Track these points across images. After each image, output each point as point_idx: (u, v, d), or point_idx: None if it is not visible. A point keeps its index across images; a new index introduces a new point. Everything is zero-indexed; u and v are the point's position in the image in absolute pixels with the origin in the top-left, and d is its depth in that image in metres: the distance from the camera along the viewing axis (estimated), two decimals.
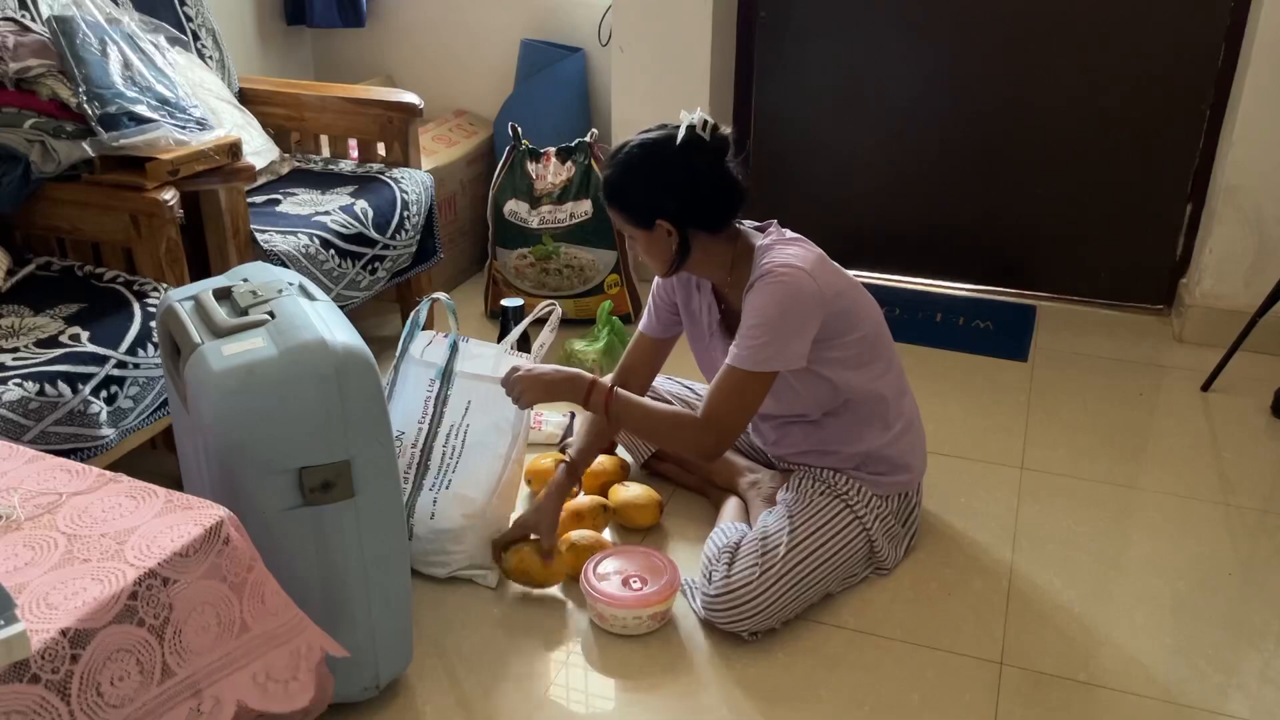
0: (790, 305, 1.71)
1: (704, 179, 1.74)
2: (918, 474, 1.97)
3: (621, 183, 1.77)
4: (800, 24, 3.11)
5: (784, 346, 1.72)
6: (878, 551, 1.89)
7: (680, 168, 1.73)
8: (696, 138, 1.72)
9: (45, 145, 1.96)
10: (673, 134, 1.73)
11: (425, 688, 1.68)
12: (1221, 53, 2.77)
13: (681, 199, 1.75)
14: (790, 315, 1.72)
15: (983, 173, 3.10)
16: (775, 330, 1.71)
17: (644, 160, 1.75)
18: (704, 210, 1.77)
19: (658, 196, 1.74)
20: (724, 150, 1.75)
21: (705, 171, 1.74)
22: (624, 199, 1.78)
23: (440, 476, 1.89)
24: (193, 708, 1.17)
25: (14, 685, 1.00)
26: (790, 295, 1.71)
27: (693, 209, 1.76)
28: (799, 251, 1.77)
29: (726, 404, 1.75)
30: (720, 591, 1.75)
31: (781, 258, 1.74)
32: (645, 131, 1.78)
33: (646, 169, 1.75)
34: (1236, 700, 1.67)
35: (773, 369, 1.74)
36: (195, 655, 1.17)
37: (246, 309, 1.47)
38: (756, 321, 1.72)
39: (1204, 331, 2.81)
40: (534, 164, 2.92)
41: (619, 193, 1.78)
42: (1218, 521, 2.12)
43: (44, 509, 1.21)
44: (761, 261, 1.76)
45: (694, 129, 1.72)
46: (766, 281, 1.72)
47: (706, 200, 1.76)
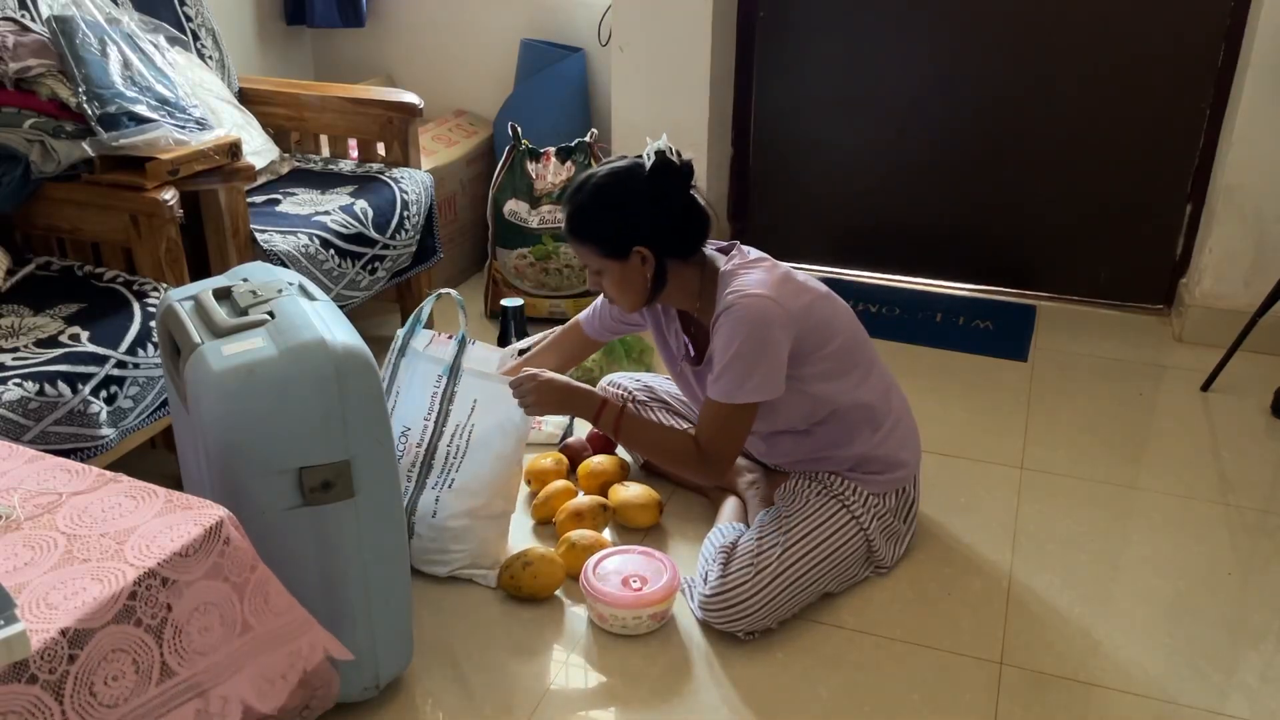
0: (759, 335, 1.71)
1: (677, 203, 1.75)
2: (913, 467, 1.97)
3: (593, 213, 1.76)
4: (800, 24, 3.11)
5: (761, 377, 1.73)
6: (875, 551, 1.89)
7: (653, 193, 1.74)
8: (667, 162, 1.73)
9: (45, 145, 1.96)
10: (639, 162, 1.75)
11: (425, 688, 1.68)
12: (1221, 53, 2.77)
13: (657, 224, 1.75)
14: (760, 345, 1.71)
15: (982, 173, 3.10)
16: (748, 362, 1.72)
17: (615, 188, 1.75)
18: (678, 235, 1.78)
19: (633, 223, 1.74)
20: (690, 175, 1.76)
21: (677, 196, 1.75)
22: (596, 229, 1.76)
23: (443, 475, 1.89)
24: (199, 708, 1.17)
25: (12, 685, 1.00)
26: (757, 325, 1.71)
27: (667, 234, 1.76)
28: (760, 277, 1.76)
29: (717, 437, 1.78)
30: (715, 592, 1.75)
31: (744, 286, 1.74)
32: (607, 162, 1.80)
33: (620, 196, 1.75)
34: (1236, 700, 1.67)
35: (753, 400, 1.75)
36: (198, 655, 1.17)
37: (246, 309, 1.47)
38: (730, 356, 1.72)
39: (1204, 331, 2.81)
40: (534, 164, 2.92)
41: (590, 223, 1.76)
42: (1218, 521, 2.12)
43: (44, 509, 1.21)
44: (725, 292, 1.75)
45: (663, 154, 1.73)
46: (732, 315, 1.72)
47: (680, 225, 1.77)
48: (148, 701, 1.12)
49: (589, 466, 2.17)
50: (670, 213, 1.76)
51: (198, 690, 1.17)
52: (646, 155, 1.75)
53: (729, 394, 1.73)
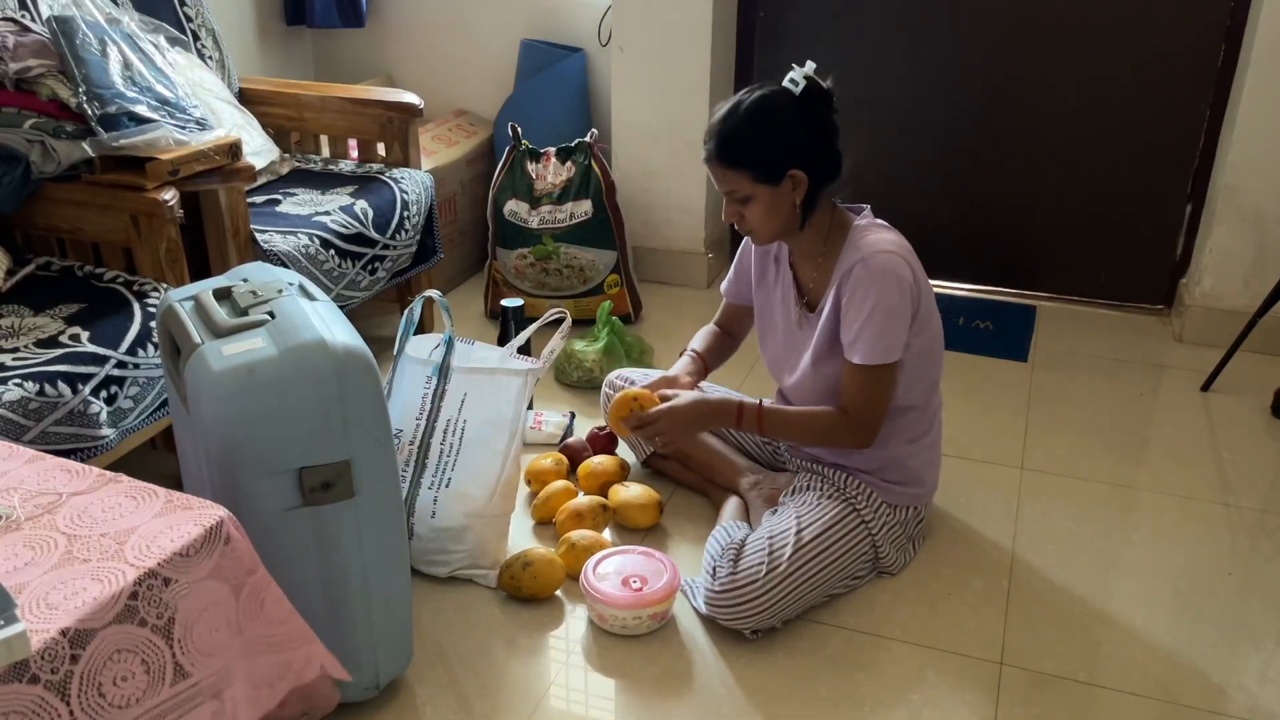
0: (897, 291, 1.73)
1: (827, 129, 1.75)
2: (930, 490, 1.97)
3: (748, 136, 1.72)
4: (800, 24, 3.11)
5: (895, 335, 1.74)
6: (883, 557, 1.89)
7: (805, 118, 1.73)
8: (817, 86, 1.73)
9: (45, 145, 1.96)
10: (786, 88, 1.73)
11: (425, 688, 1.68)
12: (1221, 53, 2.77)
13: (812, 148, 1.74)
14: (898, 303, 1.73)
15: (982, 173, 3.10)
16: (887, 318, 1.73)
17: (770, 111, 1.72)
18: (829, 161, 1.77)
19: (790, 146, 1.73)
20: (832, 102, 1.76)
21: (826, 123, 1.75)
22: (752, 153, 1.73)
23: (439, 474, 1.89)
24: (216, 710, 1.17)
25: (13, 685, 1.00)
26: (897, 282, 1.72)
27: (821, 159, 1.75)
28: (894, 238, 1.78)
29: (866, 402, 1.78)
30: (726, 588, 1.75)
31: (879, 243, 1.75)
32: (751, 89, 1.76)
33: (773, 119, 1.72)
34: (1236, 700, 1.67)
35: (892, 359, 1.75)
36: (209, 657, 1.17)
37: (246, 309, 1.47)
38: (871, 310, 1.72)
39: (1204, 331, 2.81)
40: (534, 164, 2.92)
41: (745, 146, 1.73)
42: (1218, 521, 2.12)
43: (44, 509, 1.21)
44: (861, 241, 1.76)
45: (813, 78, 1.72)
46: (872, 267, 1.72)
47: (832, 150, 1.77)
48: (163, 703, 1.12)
49: (589, 466, 2.17)
50: (821, 139, 1.75)
51: (212, 692, 1.17)
52: (792, 81, 1.73)
53: (869, 352, 1.73)
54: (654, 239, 3.20)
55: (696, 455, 2.15)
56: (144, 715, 1.11)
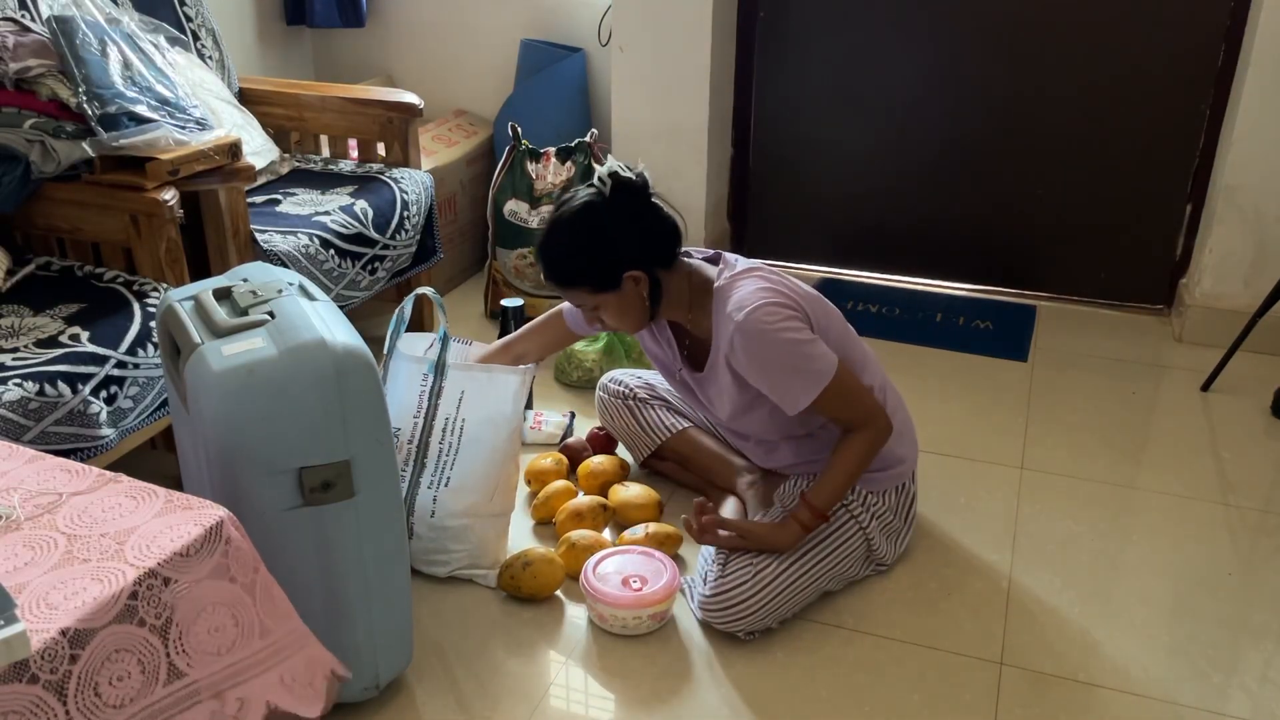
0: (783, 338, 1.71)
1: (646, 217, 1.76)
2: (911, 463, 1.97)
3: (574, 257, 1.75)
4: (800, 24, 3.11)
5: (815, 359, 1.72)
6: (875, 550, 1.89)
7: (622, 215, 1.74)
8: (623, 181, 1.73)
9: (45, 145, 1.96)
10: (596, 190, 1.74)
11: (425, 688, 1.68)
12: (1221, 53, 2.77)
13: (638, 243, 1.75)
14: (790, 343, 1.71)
15: (983, 172, 3.10)
16: (794, 361, 1.72)
17: (583, 224, 1.74)
18: (658, 247, 1.78)
19: (616, 250, 1.74)
20: (647, 186, 1.76)
21: (645, 210, 1.76)
22: (583, 271, 1.75)
23: (438, 473, 1.89)
24: (215, 710, 1.17)
25: (13, 685, 1.00)
26: (775, 330, 1.71)
27: (650, 249, 1.76)
28: (754, 286, 1.75)
29: (853, 409, 1.77)
30: (715, 592, 1.75)
31: (743, 301, 1.73)
32: (562, 204, 1.77)
33: (591, 233, 1.74)
34: (1236, 700, 1.67)
35: (833, 366, 1.73)
36: (210, 656, 1.17)
37: (246, 309, 1.47)
38: (775, 373, 1.72)
39: (1204, 331, 2.81)
40: (534, 164, 2.92)
41: (575, 267, 1.75)
42: (1218, 521, 2.12)
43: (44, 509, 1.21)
44: (727, 310, 1.75)
45: (616, 174, 1.73)
46: (748, 335, 1.71)
47: (656, 237, 1.77)
48: (156, 702, 1.12)
49: (589, 466, 2.17)
50: (644, 228, 1.76)
51: (212, 691, 1.17)
52: (599, 180, 1.74)
53: (807, 390, 1.72)
54: None
55: (694, 457, 2.15)
56: (138, 714, 1.11)
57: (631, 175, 1.74)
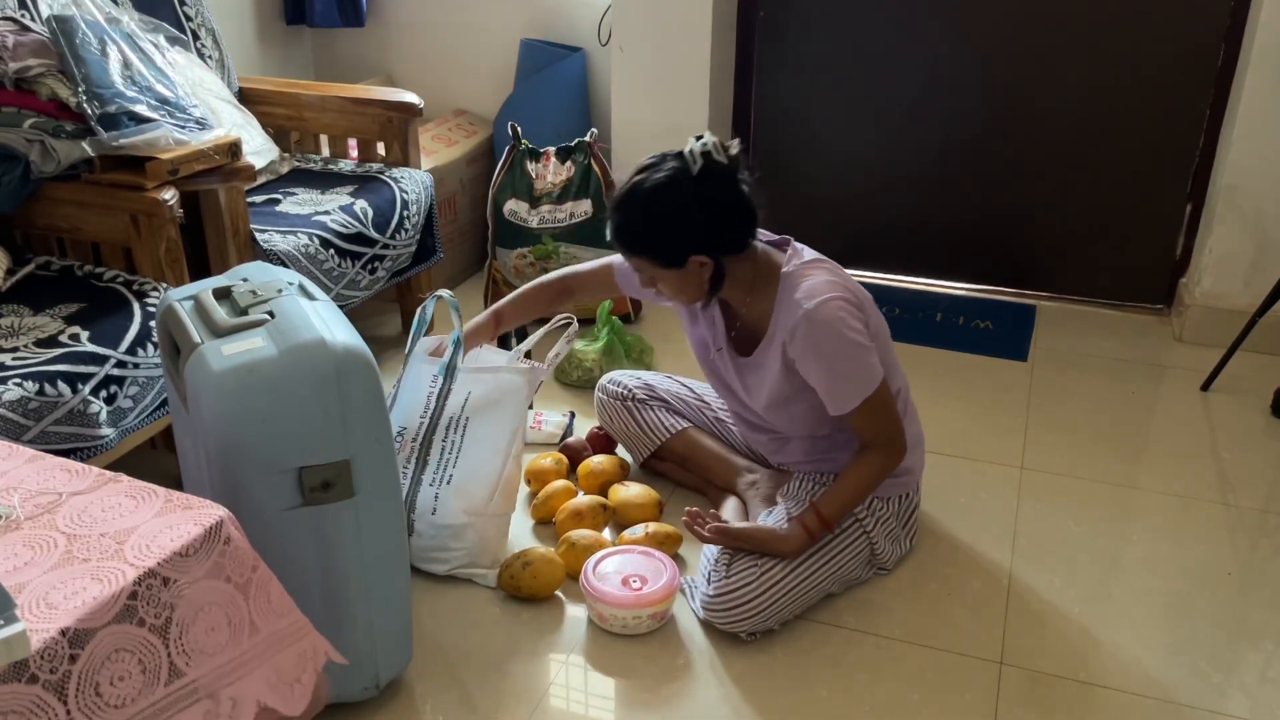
0: (848, 337, 1.71)
1: (728, 204, 1.70)
2: (917, 474, 1.97)
3: (646, 228, 1.70)
4: (800, 23, 3.11)
5: (867, 366, 1.73)
6: (879, 553, 1.89)
7: (704, 198, 1.68)
8: (714, 163, 1.68)
9: (45, 145, 1.96)
10: (684, 165, 1.68)
11: (425, 688, 1.68)
12: (1221, 53, 2.77)
13: (711, 229, 1.70)
14: (852, 344, 1.71)
15: (983, 172, 3.10)
16: (855, 356, 1.72)
17: (665, 199, 1.68)
18: (732, 235, 1.74)
19: (688, 232, 1.69)
20: (738, 168, 1.71)
21: (727, 196, 1.70)
22: (651, 243, 1.71)
23: (440, 471, 1.89)
24: (209, 709, 1.17)
25: (12, 685, 1.00)
26: (843, 327, 1.70)
27: (723, 236, 1.72)
28: (825, 279, 1.75)
29: (881, 428, 1.77)
30: (719, 592, 1.75)
31: (814, 290, 1.72)
32: (647, 169, 1.72)
33: (671, 207, 1.68)
34: (1236, 700, 1.67)
35: (878, 383, 1.74)
36: (206, 656, 1.17)
37: (246, 309, 1.47)
38: (829, 367, 1.72)
39: (1204, 331, 2.81)
40: (534, 163, 2.92)
41: (644, 238, 1.71)
42: (1218, 521, 2.12)
43: (44, 509, 1.21)
44: (792, 295, 1.73)
45: (710, 154, 1.67)
46: (816, 322, 1.69)
47: (733, 225, 1.73)
48: (156, 702, 1.12)
49: (589, 466, 2.17)
50: (722, 215, 1.71)
51: (207, 691, 1.17)
52: (690, 155, 1.68)
53: (857, 395, 1.72)
54: None
55: (694, 457, 2.15)
56: (138, 714, 1.11)
57: (723, 158, 1.68)
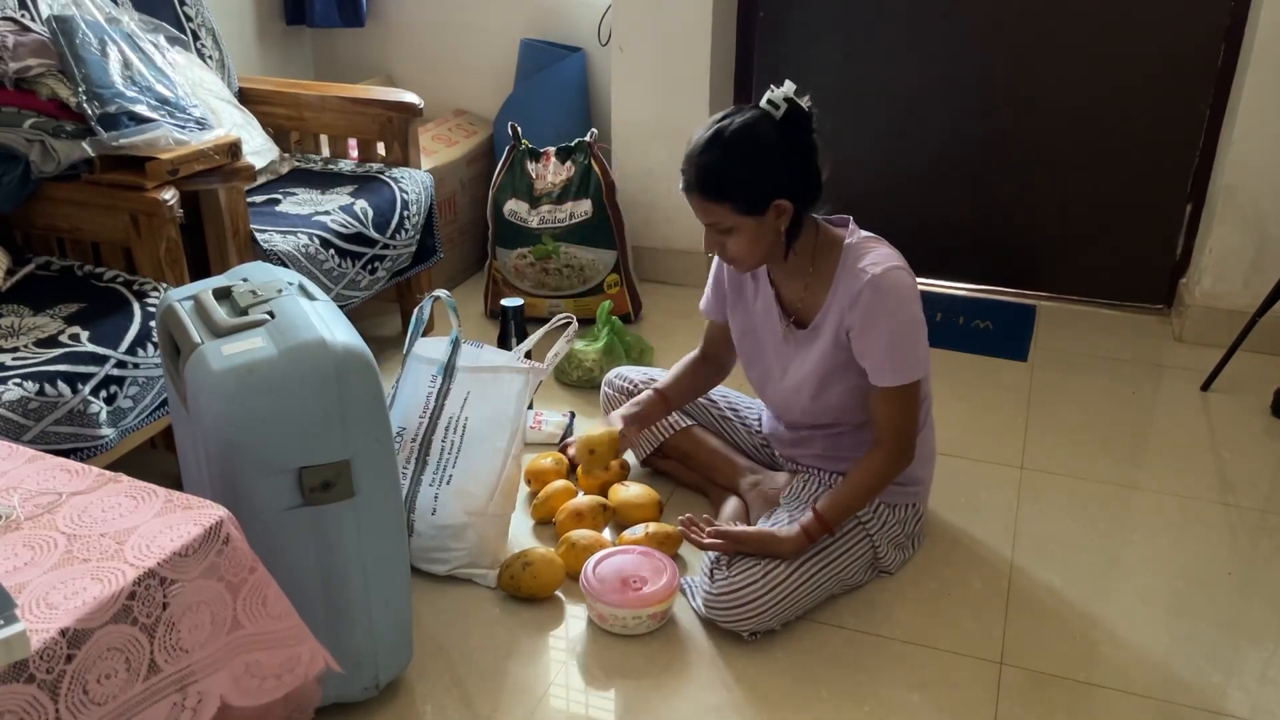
0: (913, 309, 1.72)
1: (809, 151, 1.71)
2: (927, 485, 1.97)
3: (730, 168, 1.67)
4: (800, 23, 3.11)
5: (923, 349, 1.73)
6: (882, 557, 1.89)
7: (787, 144, 1.68)
8: (797, 108, 1.68)
9: (45, 145, 1.96)
10: (765, 112, 1.68)
11: (425, 688, 1.68)
12: (1221, 53, 2.77)
13: (793, 175, 1.69)
14: (916, 319, 1.72)
15: (983, 172, 3.10)
16: (911, 336, 1.72)
17: (752, 140, 1.66)
18: (813, 184, 1.73)
19: (773, 176, 1.68)
20: (813, 122, 1.71)
21: (808, 144, 1.71)
22: (735, 186, 1.67)
23: (440, 471, 1.89)
24: (176, 702, 1.16)
25: (11, 685, 1.00)
26: (910, 299, 1.71)
27: (806, 184, 1.71)
28: (890, 251, 1.76)
29: (903, 422, 1.76)
30: (723, 591, 1.75)
31: (880, 260, 1.71)
32: (729, 115, 1.71)
33: (756, 149, 1.66)
34: (1236, 700, 1.67)
35: (922, 374, 1.74)
36: (184, 653, 1.17)
37: (246, 309, 1.47)
38: (893, 331, 1.71)
39: (1204, 331, 2.81)
40: (534, 163, 2.92)
41: (728, 181, 1.67)
42: (1218, 521, 2.12)
43: (44, 509, 1.21)
44: (859, 264, 1.73)
45: (793, 100, 1.67)
46: (883, 288, 1.69)
47: (814, 174, 1.72)
48: (132, 697, 1.12)
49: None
50: (804, 162, 1.70)
51: (178, 686, 1.17)
52: (771, 103, 1.68)
53: (904, 374, 1.71)
54: (654, 238, 3.20)
55: (697, 455, 2.15)
56: (115, 710, 1.10)
57: (804, 105, 1.69)
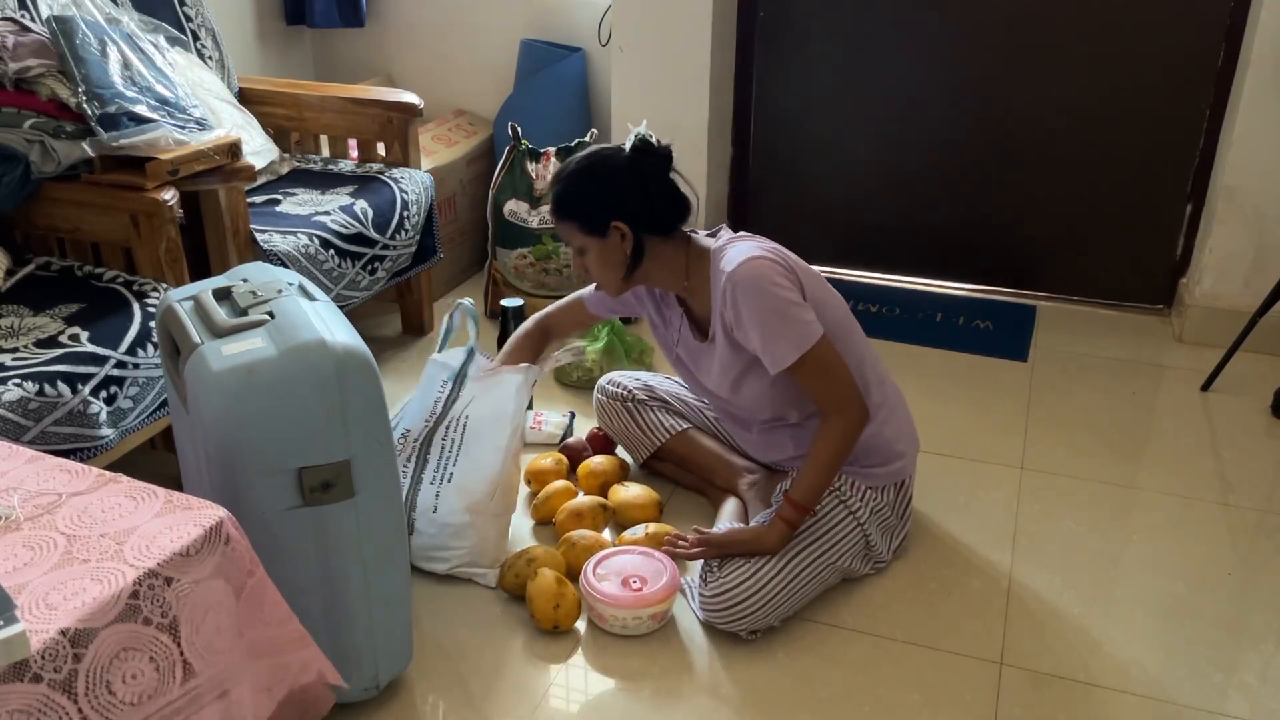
0: (773, 290, 1.74)
1: (654, 182, 1.81)
2: (910, 459, 1.96)
3: (574, 191, 1.82)
4: (800, 24, 3.11)
5: (800, 319, 1.74)
6: (873, 544, 1.89)
7: (631, 172, 1.80)
8: (645, 144, 1.80)
9: (45, 145, 1.96)
10: (619, 146, 1.82)
11: (425, 688, 1.68)
12: (1221, 53, 2.77)
13: (634, 200, 1.80)
14: (779, 299, 1.74)
15: (983, 172, 3.10)
16: (780, 315, 1.73)
17: (595, 167, 1.82)
18: (655, 212, 1.82)
19: (611, 199, 1.80)
20: (669, 159, 1.82)
21: (655, 176, 1.81)
22: (577, 207, 1.82)
23: (441, 469, 1.90)
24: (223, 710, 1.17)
25: (15, 685, 1.00)
26: (766, 282, 1.74)
27: (645, 211, 1.81)
28: (749, 245, 1.81)
29: (830, 386, 1.77)
30: (716, 592, 1.75)
31: (737, 255, 1.77)
32: (590, 150, 1.86)
33: (599, 175, 1.81)
34: (1236, 700, 1.67)
35: (812, 341, 1.74)
36: (215, 655, 1.18)
37: (246, 309, 1.47)
38: (760, 324, 1.74)
39: (1204, 331, 2.81)
40: (534, 164, 2.92)
41: (572, 201, 1.82)
42: (1218, 521, 2.12)
43: (44, 509, 1.21)
44: (719, 266, 1.80)
45: (644, 137, 1.79)
46: (739, 279, 1.75)
47: (657, 202, 1.82)
48: (174, 700, 1.13)
49: (589, 466, 2.17)
50: (648, 192, 1.81)
51: (218, 691, 1.18)
52: (627, 140, 1.81)
53: (792, 349, 1.73)
54: None
55: (694, 458, 2.15)
56: (156, 713, 1.11)
57: (655, 143, 1.80)
